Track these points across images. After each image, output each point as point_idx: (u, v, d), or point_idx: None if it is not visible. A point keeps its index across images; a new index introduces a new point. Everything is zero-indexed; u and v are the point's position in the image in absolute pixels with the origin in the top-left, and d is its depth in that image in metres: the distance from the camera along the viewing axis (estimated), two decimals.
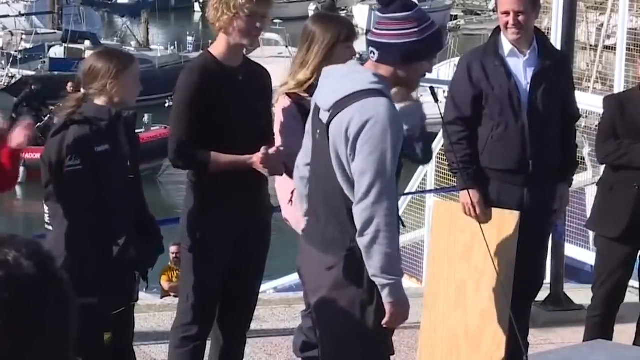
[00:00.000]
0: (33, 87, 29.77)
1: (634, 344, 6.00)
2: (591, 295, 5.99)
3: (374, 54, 4.06)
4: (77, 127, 4.56)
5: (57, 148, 4.53)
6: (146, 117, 29.19)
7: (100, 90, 4.62)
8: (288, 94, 4.94)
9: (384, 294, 3.99)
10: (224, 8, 4.71)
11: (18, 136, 4.68)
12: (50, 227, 4.71)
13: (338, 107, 3.99)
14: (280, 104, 5.00)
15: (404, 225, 4.70)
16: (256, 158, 4.75)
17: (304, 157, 4.34)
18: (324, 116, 4.06)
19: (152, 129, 28.12)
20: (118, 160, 4.64)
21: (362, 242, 3.96)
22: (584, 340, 5.88)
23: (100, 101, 4.63)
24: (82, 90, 4.68)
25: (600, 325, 5.86)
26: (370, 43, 4.09)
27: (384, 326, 4.10)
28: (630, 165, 5.67)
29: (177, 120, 4.82)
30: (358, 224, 3.94)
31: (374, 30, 4.09)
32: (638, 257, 5.90)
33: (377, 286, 4.03)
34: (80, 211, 4.57)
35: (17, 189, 25.19)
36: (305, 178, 4.33)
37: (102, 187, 4.54)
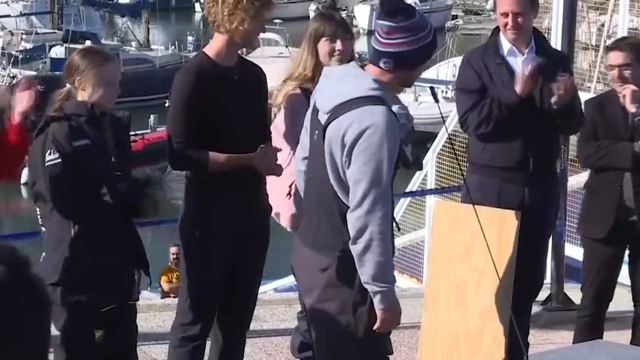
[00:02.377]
0: (40, 87, 29.69)
1: (631, 343, 5.99)
2: None
3: (388, 64, 4.04)
4: (56, 125, 4.58)
5: (40, 147, 4.56)
6: (152, 118, 29.19)
7: (74, 85, 4.65)
8: (300, 88, 5.04)
9: (376, 300, 4.02)
10: (242, 14, 4.74)
11: (20, 101, 4.48)
12: (43, 228, 4.71)
13: (337, 111, 3.99)
14: (289, 99, 5.07)
15: (398, 228, 4.72)
16: (255, 156, 4.77)
17: (301, 151, 4.37)
18: (322, 118, 4.07)
19: (158, 129, 28.14)
20: (101, 156, 4.64)
21: (355, 249, 3.98)
22: (574, 341, 5.90)
23: (80, 97, 4.65)
24: (67, 86, 4.72)
25: (590, 325, 5.87)
26: (381, 54, 4.06)
27: (375, 330, 4.10)
28: (610, 166, 5.66)
29: (174, 121, 4.82)
30: (352, 232, 3.97)
31: (384, 41, 4.05)
32: (627, 256, 5.89)
33: None
34: (71, 207, 4.57)
35: (22, 189, 25.18)
36: (302, 171, 4.37)
37: (83, 181, 4.55)
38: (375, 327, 4.08)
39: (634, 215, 5.66)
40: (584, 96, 5.95)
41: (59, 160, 4.51)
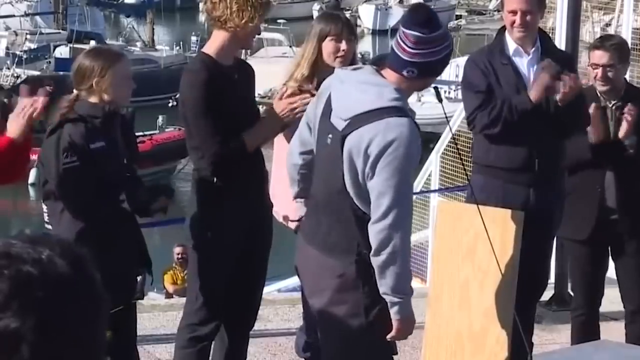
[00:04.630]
0: (49, 87, 29.61)
1: (626, 341, 5.98)
2: None
3: (412, 72, 4.06)
4: (71, 126, 4.57)
5: (54, 147, 4.54)
6: (160, 119, 29.16)
7: (90, 89, 4.62)
8: (300, 90, 5.04)
9: (393, 310, 4.07)
10: (251, 10, 4.73)
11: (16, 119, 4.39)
12: (49, 227, 4.71)
13: (358, 121, 3.99)
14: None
15: None
16: (271, 111, 4.84)
17: (300, 147, 4.39)
18: (339, 124, 4.05)
19: (166, 130, 28.14)
20: (114, 158, 4.64)
21: (376, 261, 4.01)
22: (572, 342, 5.90)
23: (93, 99, 4.64)
24: (75, 91, 4.69)
25: (585, 324, 5.88)
26: (408, 63, 4.06)
27: (389, 338, 4.19)
28: (573, 160, 5.62)
29: (200, 127, 4.73)
30: (374, 243, 3.99)
31: (412, 50, 4.04)
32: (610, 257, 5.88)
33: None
34: (83, 208, 4.58)
35: (30, 189, 25.22)
36: (298, 165, 4.41)
37: (99, 184, 4.55)
38: (389, 336, 4.15)
39: (616, 214, 5.66)
40: None
41: (77, 163, 4.51)
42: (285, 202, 5.07)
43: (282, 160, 5.19)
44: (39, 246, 1.40)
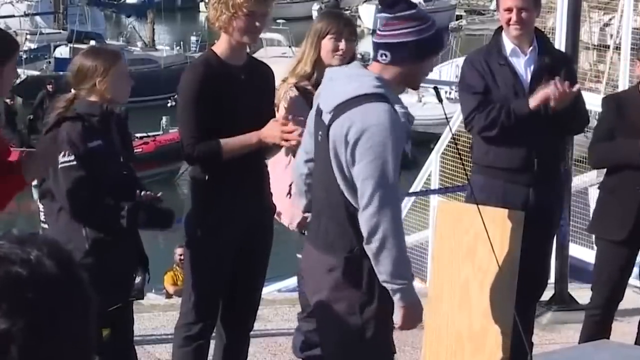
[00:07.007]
0: (50, 87, 29.58)
1: (635, 343, 5.99)
2: None
3: (385, 56, 4.04)
4: (69, 124, 4.57)
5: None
6: (164, 120, 29.12)
7: (92, 88, 4.62)
8: (296, 87, 5.04)
9: (396, 298, 4.02)
10: (222, 8, 4.73)
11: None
12: (45, 225, 4.71)
13: (339, 110, 3.98)
14: (286, 98, 5.08)
15: None
16: (265, 131, 4.76)
17: (303, 155, 4.37)
18: (326, 118, 4.06)
19: (170, 131, 28.11)
20: (112, 156, 4.65)
21: (370, 249, 3.98)
22: (580, 340, 5.88)
23: (93, 98, 4.64)
24: (73, 91, 4.69)
25: (599, 324, 5.85)
26: (379, 46, 4.05)
27: (397, 328, 4.14)
28: (621, 165, 5.62)
29: (184, 116, 4.81)
30: (364, 232, 3.96)
31: (382, 33, 4.06)
32: (639, 257, 5.86)
33: (376, 287, 4.05)
34: (80, 207, 4.57)
35: (33, 191, 25.21)
36: (304, 174, 4.37)
37: (97, 182, 4.55)
38: (397, 325, 4.10)
39: None
40: (586, 96, 5.93)
41: (74, 162, 4.52)
42: (278, 198, 5.09)
43: (276, 158, 5.19)
44: (26, 246, 1.39)
